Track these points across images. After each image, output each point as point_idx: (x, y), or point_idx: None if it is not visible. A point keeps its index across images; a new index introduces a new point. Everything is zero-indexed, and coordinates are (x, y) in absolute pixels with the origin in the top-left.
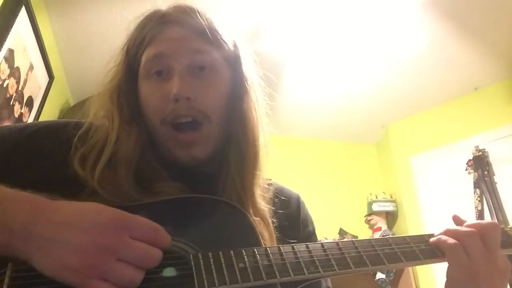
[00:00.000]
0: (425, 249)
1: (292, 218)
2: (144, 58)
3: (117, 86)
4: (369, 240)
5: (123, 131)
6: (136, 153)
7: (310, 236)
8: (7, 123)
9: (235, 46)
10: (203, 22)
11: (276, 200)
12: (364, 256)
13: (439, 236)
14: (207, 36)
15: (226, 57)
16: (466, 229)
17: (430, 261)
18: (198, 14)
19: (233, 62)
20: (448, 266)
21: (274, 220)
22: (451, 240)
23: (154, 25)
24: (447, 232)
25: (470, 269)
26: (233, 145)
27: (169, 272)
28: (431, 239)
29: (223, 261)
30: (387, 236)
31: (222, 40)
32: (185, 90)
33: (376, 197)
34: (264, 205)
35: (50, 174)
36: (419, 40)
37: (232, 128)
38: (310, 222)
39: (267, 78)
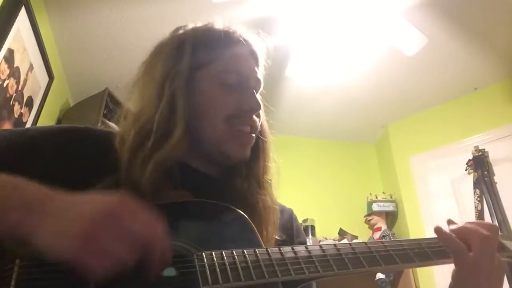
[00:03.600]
0: (435, 251)
1: (285, 228)
2: (220, 65)
3: (182, 71)
4: (365, 243)
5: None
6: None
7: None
8: (7, 123)
9: None
10: (259, 56)
11: None
12: (361, 257)
13: (449, 233)
14: (260, 70)
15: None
16: (472, 226)
17: (441, 262)
18: (260, 50)
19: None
20: (455, 263)
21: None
22: (459, 244)
23: (231, 37)
24: (454, 230)
25: (473, 265)
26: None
27: (169, 272)
28: (439, 233)
29: (226, 260)
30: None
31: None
32: (259, 107)
33: (376, 197)
34: (272, 204)
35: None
36: (419, 40)
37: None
38: (301, 233)
39: (267, 78)
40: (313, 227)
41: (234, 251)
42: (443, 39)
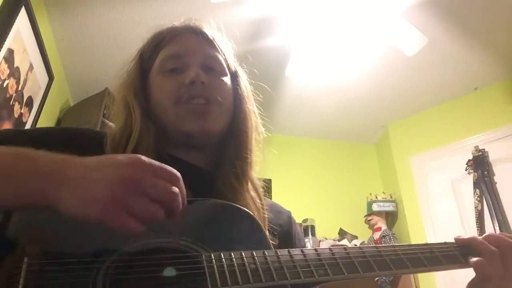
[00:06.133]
0: (448, 255)
1: (284, 230)
2: (160, 57)
3: (133, 82)
4: (376, 247)
5: (144, 126)
6: (153, 148)
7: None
8: (7, 123)
9: (235, 63)
10: (215, 36)
11: (270, 209)
12: (371, 261)
13: (482, 240)
14: (217, 48)
15: (228, 68)
16: (509, 240)
17: (453, 267)
18: (210, 29)
19: (233, 75)
20: (479, 270)
21: (267, 223)
22: (491, 247)
23: (173, 30)
24: (489, 238)
25: (501, 279)
26: (231, 139)
27: (169, 271)
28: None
29: (235, 262)
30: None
31: (227, 54)
32: (201, 76)
33: (376, 197)
34: (256, 196)
35: None
36: (419, 40)
37: (233, 124)
38: (301, 238)
39: (267, 78)
40: (313, 227)
41: (243, 253)
42: (443, 39)
